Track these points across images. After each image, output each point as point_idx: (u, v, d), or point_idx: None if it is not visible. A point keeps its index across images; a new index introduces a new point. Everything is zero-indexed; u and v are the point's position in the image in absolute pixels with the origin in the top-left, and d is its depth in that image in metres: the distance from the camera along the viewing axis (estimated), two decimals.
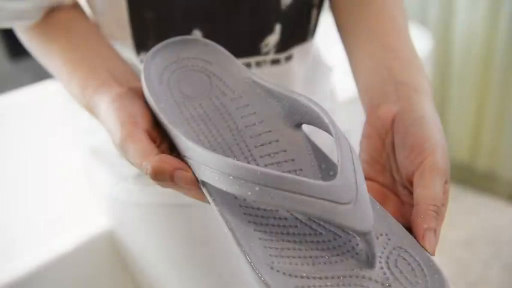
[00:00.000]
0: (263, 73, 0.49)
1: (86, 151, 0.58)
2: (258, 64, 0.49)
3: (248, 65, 0.48)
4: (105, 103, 0.35)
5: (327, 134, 0.30)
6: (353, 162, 0.27)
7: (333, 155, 0.31)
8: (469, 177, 1.51)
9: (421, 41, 1.19)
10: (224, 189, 0.27)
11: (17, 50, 1.19)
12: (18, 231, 0.82)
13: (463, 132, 1.49)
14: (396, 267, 0.27)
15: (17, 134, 1.00)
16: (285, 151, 0.33)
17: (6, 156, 0.97)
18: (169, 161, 0.29)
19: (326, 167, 0.32)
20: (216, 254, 0.54)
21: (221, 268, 0.54)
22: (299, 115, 0.33)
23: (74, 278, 0.64)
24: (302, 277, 0.26)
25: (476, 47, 1.37)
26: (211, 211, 0.29)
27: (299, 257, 0.28)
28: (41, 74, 1.06)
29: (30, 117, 1.02)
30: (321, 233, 0.29)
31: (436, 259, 0.28)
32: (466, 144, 1.50)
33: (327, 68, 0.62)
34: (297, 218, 0.30)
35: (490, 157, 1.46)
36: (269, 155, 0.33)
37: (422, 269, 0.27)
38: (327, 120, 0.29)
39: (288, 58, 0.50)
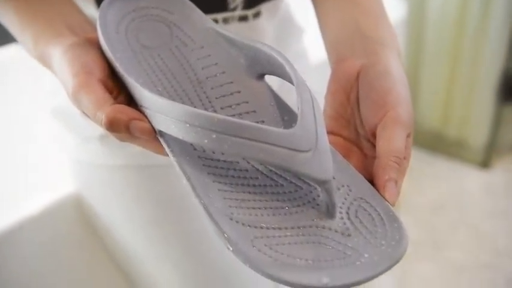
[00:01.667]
0: (231, 30, 0.47)
1: (50, 113, 0.56)
2: (225, 21, 0.47)
3: (215, 22, 0.47)
4: (58, 54, 0.33)
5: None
6: (313, 111, 0.26)
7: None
8: (440, 144, 1.55)
9: (396, 9, 1.19)
10: (180, 137, 0.26)
11: None
12: None
13: (434, 100, 1.50)
14: (356, 217, 0.27)
15: None
16: (246, 102, 0.32)
17: None
18: (124, 110, 0.28)
19: (289, 119, 0.32)
20: (184, 215, 0.53)
21: (189, 228, 0.53)
22: (261, 65, 0.32)
23: (40, 242, 0.63)
24: (262, 228, 0.26)
25: (450, 16, 1.37)
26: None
27: (259, 208, 0.27)
28: (2, 38, 1.01)
29: None
30: (282, 185, 0.29)
31: (404, 221, 0.28)
32: (438, 112, 1.52)
33: (298, 28, 0.60)
34: (258, 170, 0.29)
35: (461, 125, 1.49)
36: (230, 106, 0.32)
37: (382, 219, 0.27)
38: (288, 69, 0.28)
39: (256, 15, 0.49)
